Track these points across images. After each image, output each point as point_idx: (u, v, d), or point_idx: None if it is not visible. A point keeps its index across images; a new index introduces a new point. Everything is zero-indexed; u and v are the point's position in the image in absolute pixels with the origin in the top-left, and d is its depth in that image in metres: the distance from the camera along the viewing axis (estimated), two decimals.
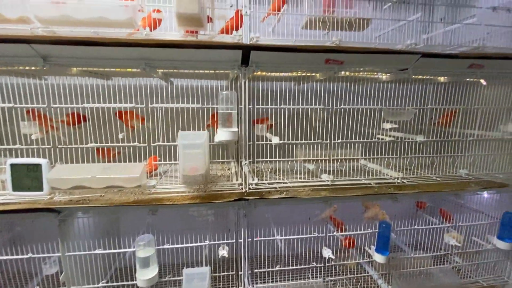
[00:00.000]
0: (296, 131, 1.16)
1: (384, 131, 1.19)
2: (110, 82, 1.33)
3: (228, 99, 0.97)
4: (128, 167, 0.99)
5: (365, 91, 1.19)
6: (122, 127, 1.15)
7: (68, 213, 1.03)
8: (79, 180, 0.93)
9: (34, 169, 0.95)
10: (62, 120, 1.10)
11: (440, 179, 1.19)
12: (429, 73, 1.18)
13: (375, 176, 1.20)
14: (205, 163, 0.96)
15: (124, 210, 1.08)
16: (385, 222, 1.16)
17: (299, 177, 1.16)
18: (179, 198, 0.99)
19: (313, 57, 1.00)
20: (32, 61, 0.93)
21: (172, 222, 1.19)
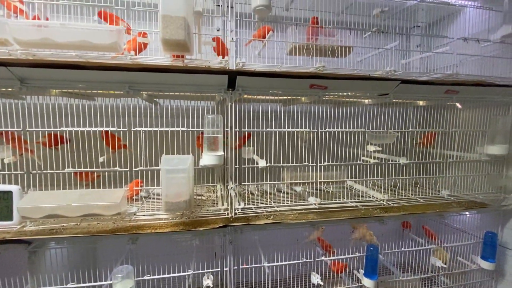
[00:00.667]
0: (282, 153, 1.16)
1: (368, 153, 1.21)
2: (92, 103, 1.29)
3: (214, 123, 0.97)
4: (107, 193, 0.95)
5: (349, 113, 1.22)
6: (103, 149, 1.11)
7: (39, 244, 0.96)
8: (53, 209, 0.87)
9: (4, 196, 0.89)
10: (38, 141, 1.04)
11: (423, 200, 1.21)
12: (408, 97, 1.23)
13: (361, 198, 1.21)
14: (189, 189, 0.93)
15: (102, 239, 1.02)
16: (373, 246, 1.16)
17: (286, 200, 1.14)
18: (162, 225, 0.94)
19: (298, 83, 1.02)
20: (7, 84, 0.89)
21: (154, 248, 1.13)
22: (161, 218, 0.98)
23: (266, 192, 1.28)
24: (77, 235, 0.89)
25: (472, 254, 1.36)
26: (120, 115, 1.06)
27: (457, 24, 1.50)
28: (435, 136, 1.32)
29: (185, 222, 0.97)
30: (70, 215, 0.89)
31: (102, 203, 0.89)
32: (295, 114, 1.19)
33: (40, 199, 0.89)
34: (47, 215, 0.88)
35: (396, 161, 1.21)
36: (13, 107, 0.98)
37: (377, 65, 1.22)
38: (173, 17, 0.85)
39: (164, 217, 0.98)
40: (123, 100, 1.24)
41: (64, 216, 0.89)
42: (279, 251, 1.14)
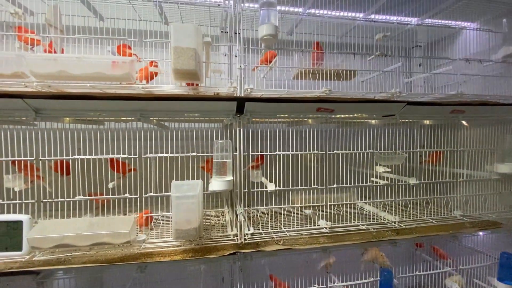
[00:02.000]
0: (291, 175, 1.16)
1: (378, 174, 1.20)
2: (103, 127, 1.32)
3: (223, 148, 0.97)
4: (116, 221, 0.94)
5: (356, 133, 1.23)
6: (113, 175, 1.12)
7: (47, 274, 0.94)
8: (63, 238, 0.86)
9: (15, 226, 0.89)
10: (50, 165, 1.05)
11: (436, 221, 1.19)
12: (415, 117, 1.24)
13: (372, 220, 1.19)
14: (198, 215, 0.93)
15: (110, 267, 1.00)
16: (387, 270, 1.12)
17: (296, 224, 1.13)
18: (171, 253, 0.93)
19: (305, 106, 1.04)
20: (23, 114, 0.92)
21: (162, 273, 1.11)
22: (169, 246, 0.96)
23: (276, 215, 1.26)
24: (85, 264, 0.87)
25: (488, 276, 1.31)
26: (131, 139, 1.07)
27: (458, 44, 1.54)
28: (441, 154, 1.31)
29: (194, 249, 0.96)
30: (79, 244, 0.88)
31: (111, 232, 0.88)
32: (302, 134, 1.20)
33: (50, 229, 0.88)
34: (56, 245, 0.87)
35: (406, 182, 1.19)
36: (26, 134, 1.00)
37: (381, 85, 1.24)
38: (184, 48, 0.89)
39: (173, 244, 0.97)
40: (133, 124, 1.27)
41: (74, 245, 0.88)
42: (290, 277, 1.11)
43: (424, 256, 1.47)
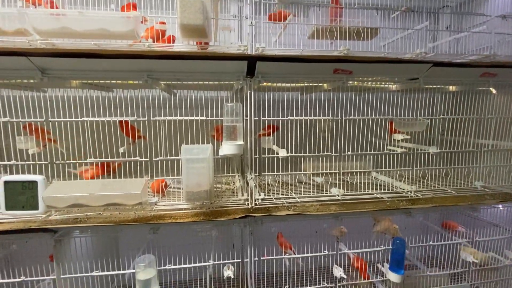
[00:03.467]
0: (303, 143, 1.12)
1: (395, 142, 1.14)
2: (112, 94, 1.29)
3: (233, 111, 0.93)
4: (128, 183, 0.94)
5: (374, 100, 1.15)
6: (123, 140, 1.11)
7: (64, 233, 0.97)
8: (77, 198, 0.88)
9: (30, 186, 0.90)
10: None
11: (455, 191, 1.14)
12: (439, 82, 1.15)
13: (387, 190, 1.15)
14: (209, 179, 0.91)
15: (124, 228, 1.03)
16: (399, 239, 1.10)
17: (307, 191, 1.10)
18: (182, 215, 0.93)
19: (321, 67, 0.97)
20: (29, 74, 0.90)
21: (175, 238, 1.13)
22: (181, 208, 0.97)
23: (287, 183, 1.24)
24: (100, 224, 0.89)
25: (506, 249, 1.27)
26: (140, 107, 1.05)
27: (491, 2, 1.38)
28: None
29: (205, 212, 0.96)
30: (92, 204, 0.89)
31: (123, 193, 0.88)
32: (316, 103, 1.13)
33: (63, 189, 0.90)
34: (70, 205, 0.89)
35: (425, 151, 1.13)
36: (35, 99, 0.99)
37: (403, 49, 1.14)
38: (191, 0, 0.82)
39: (185, 207, 0.97)
40: (142, 92, 1.24)
41: (87, 205, 0.89)
42: (300, 243, 1.11)
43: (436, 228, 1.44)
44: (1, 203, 0.89)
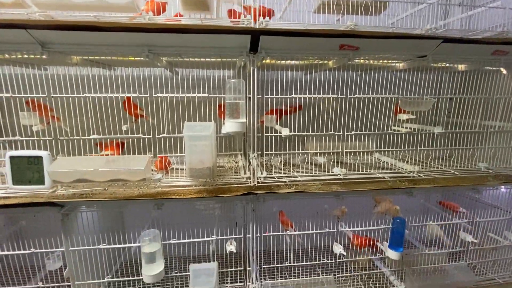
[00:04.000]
0: (307, 123, 1.11)
1: (399, 123, 1.13)
2: (113, 73, 1.28)
3: (235, 88, 0.92)
4: (132, 159, 0.95)
5: (379, 81, 1.13)
6: (126, 119, 1.11)
7: (71, 207, 1.00)
8: (82, 173, 0.89)
9: (35, 161, 0.91)
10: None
11: (458, 172, 1.13)
12: (448, 60, 1.11)
13: (389, 170, 1.15)
14: (212, 156, 0.92)
15: (129, 204, 1.05)
16: (399, 218, 1.11)
17: (309, 171, 1.11)
18: (186, 192, 0.95)
19: (327, 43, 0.94)
20: (30, 48, 0.88)
21: (178, 216, 1.15)
22: (184, 185, 0.98)
23: (289, 164, 1.25)
24: (106, 199, 0.91)
25: (505, 231, 1.29)
26: (142, 86, 1.04)
27: None
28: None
29: (208, 190, 0.97)
30: (97, 179, 0.91)
31: (128, 169, 0.89)
32: (320, 84, 1.11)
33: (68, 164, 0.91)
34: (76, 180, 0.90)
35: (430, 131, 1.12)
36: (37, 77, 0.98)
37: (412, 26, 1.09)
38: None
39: (188, 184, 0.99)
40: (144, 71, 1.22)
41: (92, 181, 0.91)
42: (301, 223, 1.13)
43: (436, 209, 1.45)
44: (8, 178, 0.91)
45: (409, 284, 1.17)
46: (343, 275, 1.25)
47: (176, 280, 1.21)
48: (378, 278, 1.25)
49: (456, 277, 1.18)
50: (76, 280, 1.03)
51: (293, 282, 1.11)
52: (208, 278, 1.00)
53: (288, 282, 1.11)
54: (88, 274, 1.06)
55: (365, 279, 1.26)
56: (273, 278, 1.17)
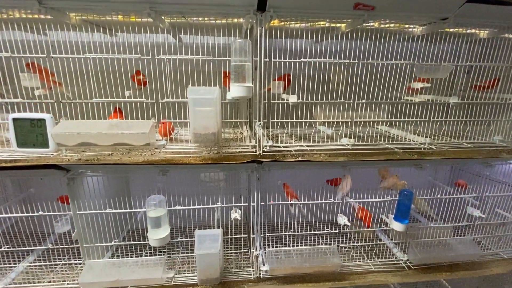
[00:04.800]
0: (315, 93, 1.06)
1: (413, 92, 1.08)
2: (115, 39, 1.23)
3: (242, 49, 0.87)
4: (135, 124, 0.93)
5: (393, 50, 1.06)
6: (129, 84, 1.08)
7: (76, 172, 1.00)
8: (86, 137, 0.88)
9: (38, 124, 0.90)
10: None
11: (471, 145, 1.09)
12: (470, 24, 1.04)
13: (399, 141, 1.11)
14: (216, 121, 0.89)
15: (134, 169, 1.05)
16: (407, 190, 1.10)
17: (316, 142, 1.08)
18: (190, 159, 0.93)
19: (341, 2, 0.87)
20: (27, 5, 0.84)
21: (183, 186, 1.15)
22: (189, 152, 0.97)
23: (295, 135, 1.22)
24: (110, 162, 0.91)
25: None
26: (144, 52, 1.00)
27: None
28: (498, 81, 1.13)
29: (213, 157, 0.95)
30: (101, 143, 0.89)
31: (131, 132, 0.88)
32: (331, 53, 1.05)
33: (72, 127, 0.89)
34: (80, 143, 0.89)
35: (445, 101, 1.07)
36: (37, 41, 0.94)
37: None
38: None
39: (193, 151, 0.97)
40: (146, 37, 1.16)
41: (96, 144, 0.90)
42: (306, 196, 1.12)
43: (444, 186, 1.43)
44: (12, 140, 0.91)
45: (412, 256, 1.17)
46: (346, 245, 1.26)
47: (181, 245, 1.24)
48: (381, 249, 1.25)
49: (460, 250, 1.18)
50: (84, 243, 1.06)
51: (296, 251, 1.12)
52: (213, 244, 1.01)
53: (291, 250, 1.12)
54: (96, 238, 1.09)
55: (368, 250, 1.27)
56: (277, 247, 1.18)
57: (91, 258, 1.08)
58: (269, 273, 1.09)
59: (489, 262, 1.24)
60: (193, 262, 1.17)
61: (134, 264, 1.05)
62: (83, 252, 1.07)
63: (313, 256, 1.10)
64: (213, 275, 1.02)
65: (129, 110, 1.03)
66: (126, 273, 1.02)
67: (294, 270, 1.09)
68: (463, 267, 1.21)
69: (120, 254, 1.21)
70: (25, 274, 1.11)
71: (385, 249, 1.26)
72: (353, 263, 1.18)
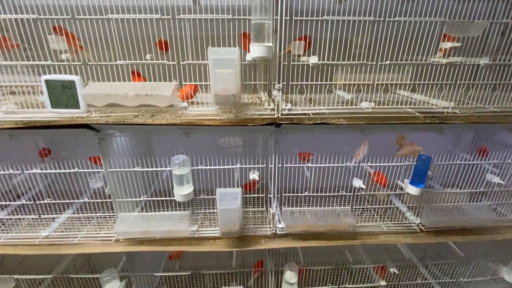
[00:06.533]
0: (337, 55, 1.04)
1: (441, 53, 1.03)
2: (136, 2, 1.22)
3: (262, 7, 0.85)
4: (158, 86, 0.97)
5: (421, 11, 0.99)
6: (151, 49, 1.10)
7: (105, 133, 1.07)
8: (113, 97, 0.92)
9: (69, 86, 0.95)
10: None
11: (498, 109, 1.05)
12: None
13: (422, 106, 1.08)
14: (236, 82, 0.90)
15: (159, 130, 1.10)
16: (425, 155, 1.09)
17: (336, 105, 1.07)
18: (211, 122, 0.97)
19: None
20: None
21: (204, 152, 1.20)
22: (210, 115, 0.99)
23: (314, 101, 1.21)
24: (137, 122, 0.96)
25: None
26: (165, 13, 0.99)
27: None
28: None
29: (232, 120, 0.98)
30: (127, 104, 0.94)
31: (155, 93, 0.91)
32: (356, 14, 1.00)
33: (99, 89, 0.94)
34: (107, 104, 0.94)
35: (474, 63, 1.01)
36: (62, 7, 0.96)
37: None
38: None
39: (214, 113, 1.00)
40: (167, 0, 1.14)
41: (123, 105, 0.94)
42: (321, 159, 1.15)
43: (464, 155, 1.41)
44: (46, 102, 0.97)
45: (425, 219, 1.20)
46: (359, 207, 1.30)
47: (204, 203, 1.33)
48: (394, 213, 1.29)
49: (475, 215, 1.19)
50: (116, 198, 1.16)
51: (311, 211, 1.18)
52: (233, 201, 1.08)
53: (306, 210, 1.18)
54: (126, 193, 1.19)
55: (381, 213, 1.31)
56: (293, 206, 1.24)
57: (123, 212, 1.19)
58: (285, 230, 1.16)
59: (503, 228, 1.25)
60: (215, 219, 1.26)
61: (162, 218, 1.15)
62: (116, 206, 1.17)
63: (327, 216, 1.16)
64: (233, 228, 1.10)
65: (152, 73, 1.06)
66: (154, 225, 1.12)
67: (308, 228, 1.15)
68: (476, 231, 1.23)
69: (148, 210, 1.32)
70: (66, 225, 1.25)
71: (398, 213, 1.30)
72: (365, 224, 1.23)
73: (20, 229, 1.22)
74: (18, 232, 1.20)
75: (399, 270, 1.41)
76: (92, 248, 1.13)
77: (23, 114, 0.98)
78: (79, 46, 1.04)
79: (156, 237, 1.14)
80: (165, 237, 1.15)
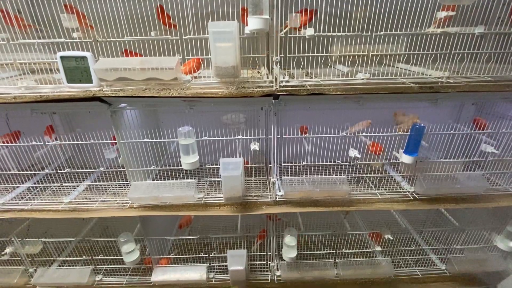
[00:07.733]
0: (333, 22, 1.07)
1: (436, 23, 1.04)
2: None
3: None
4: (163, 60, 1.03)
5: None
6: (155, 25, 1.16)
7: (117, 106, 1.15)
8: (122, 72, 1.00)
9: (81, 61, 1.03)
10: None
11: (492, 78, 1.07)
12: None
13: (416, 76, 1.11)
14: (236, 54, 0.96)
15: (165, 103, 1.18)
16: (419, 124, 1.14)
17: (332, 76, 1.12)
18: (213, 94, 1.03)
19: None
20: None
21: (207, 127, 1.27)
22: (212, 88, 1.05)
23: (311, 74, 1.26)
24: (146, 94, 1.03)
25: None
26: None
27: None
28: None
29: (233, 93, 1.04)
30: (135, 78, 1.01)
31: (161, 66, 0.98)
32: None
33: (110, 64, 1.01)
34: (117, 78, 1.01)
35: (469, 32, 1.03)
36: None
37: None
38: None
39: (216, 87, 1.06)
40: None
41: (131, 79, 1.02)
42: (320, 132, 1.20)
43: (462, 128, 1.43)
44: (63, 77, 1.05)
45: (419, 188, 1.26)
46: (355, 175, 1.37)
47: (208, 172, 1.42)
48: (389, 182, 1.35)
49: (468, 183, 1.24)
50: (129, 167, 1.26)
51: (309, 179, 1.25)
52: (235, 170, 1.16)
53: (304, 179, 1.26)
54: (137, 164, 1.29)
55: (376, 182, 1.37)
56: (291, 175, 1.32)
57: (135, 181, 1.30)
58: (284, 197, 1.25)
59: (496, 196, 1.30)
60: (219, 188, 1.36)
61: (171, 186, 1.26)
62: (129, 175, 1.28)
63: (324, 184, 1.23)
64: (236, 194, 1.20)
65: (157, 49, 1.12)
66: (164, 191, 1.22)
67: (306, 195, 1.24)
68: (468, 200, 1.28)
69: (159, 180, 1.43)
70: (85, 193, 1.38)
71: (393, 182, 1.36)
72: (361, 192, 1.30)
73: (45, 197, 1.35)
74: (43, 199, 1.33)
75: (394, 237, 1.49)
76: (110, 212, 1.25)
77: (42, 90, 1.07)
78: (90, 26, 1.11)
79: (166, 202, 1.25)
80: (174, 203, 1.26)
